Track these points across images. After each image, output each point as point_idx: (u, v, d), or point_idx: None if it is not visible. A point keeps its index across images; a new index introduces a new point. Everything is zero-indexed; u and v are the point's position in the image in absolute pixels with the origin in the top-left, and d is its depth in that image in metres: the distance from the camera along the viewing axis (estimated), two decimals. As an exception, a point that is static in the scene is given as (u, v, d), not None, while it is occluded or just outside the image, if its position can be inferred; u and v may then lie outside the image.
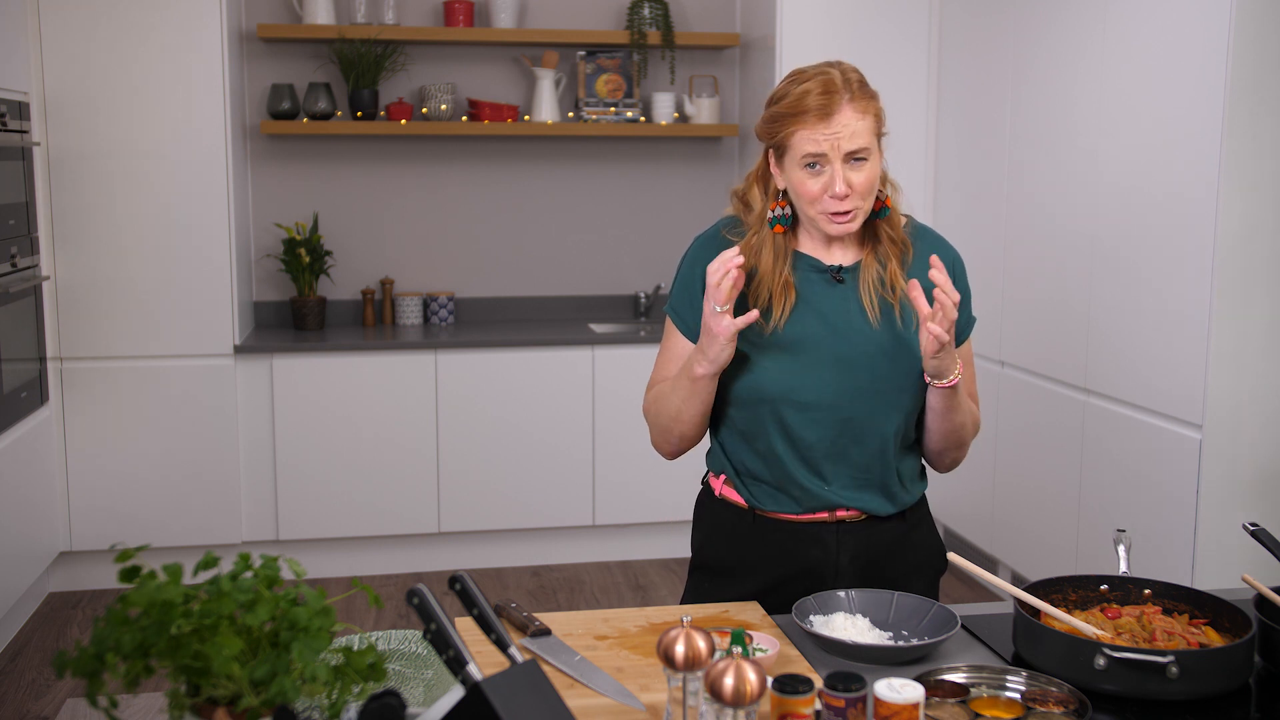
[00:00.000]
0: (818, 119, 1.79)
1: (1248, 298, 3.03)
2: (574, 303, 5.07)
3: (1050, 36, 3.77)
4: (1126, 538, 1.83)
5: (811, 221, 1.88)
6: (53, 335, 4.18)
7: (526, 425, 4.51)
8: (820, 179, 1.82)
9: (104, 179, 4.16)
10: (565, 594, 4.36)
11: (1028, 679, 1.52)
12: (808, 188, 1.83)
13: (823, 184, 1.81)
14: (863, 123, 1.81)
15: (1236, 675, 1.53)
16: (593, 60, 4.87)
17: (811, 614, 1.72)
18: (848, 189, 1.80)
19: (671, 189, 5.09)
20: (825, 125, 1.79)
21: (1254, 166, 2.97)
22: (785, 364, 1.87)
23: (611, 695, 1.53)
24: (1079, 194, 3.62)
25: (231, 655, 1.15)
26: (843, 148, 1.79)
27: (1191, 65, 3.08)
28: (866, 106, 1.82)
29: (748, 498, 1.94)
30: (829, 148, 1.79)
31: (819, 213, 1.84)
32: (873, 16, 4.50)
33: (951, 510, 4.39)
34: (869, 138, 1.82)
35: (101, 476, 4.25)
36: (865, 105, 1.82)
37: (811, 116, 1.79)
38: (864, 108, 1.81)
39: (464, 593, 1.35)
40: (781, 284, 1.88)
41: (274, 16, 4.69)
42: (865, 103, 1.82)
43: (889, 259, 1.91)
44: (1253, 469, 3.08)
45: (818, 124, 1.79)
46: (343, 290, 4.90)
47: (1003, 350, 4.09)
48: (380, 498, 4.44)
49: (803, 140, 1.81)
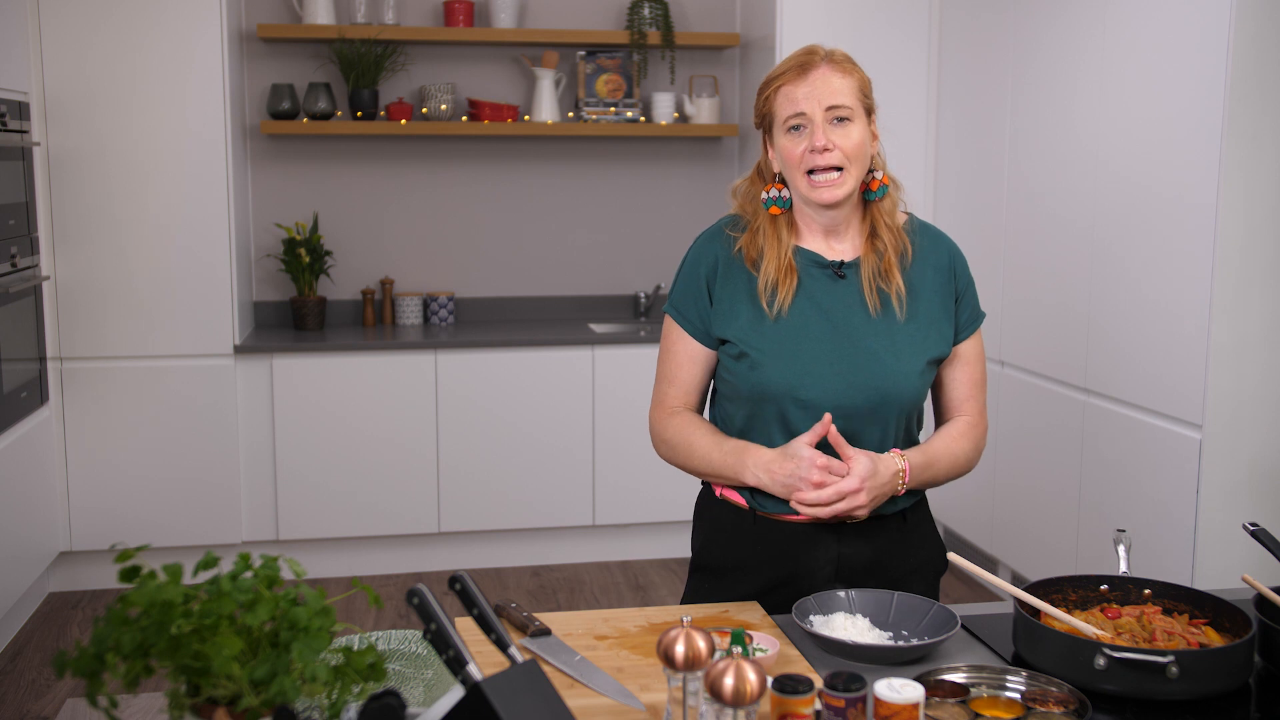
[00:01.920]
0: (796, 74, 1.86)
1: (1247, 297, 3.03)
2: (574, 303, 5.07)
3: (1050, 36, 3.78)
4: (1126, 538, 1.83)
5: (804, 198, 1.89)
6: (53, 335, 4.18)
7: (526, 425, 4.51)
8: (803, 139, 1.85)
9: (104, 179, 4.16)
10: (565, 594, 4.36)
11: (1028, 679, 1.52)
12: (792, 152, 1.86)
13: (805, 143, 1.84)
14: (843, 81, 1.85)
15: (1236, 675, 1.53)
16: (593, 60, 4.87)
17: (811, 614, 1.72)
18: (830, 144, 1.82)
19: (671, 189, 5.09)
20: (804, 80, 1.85)
21: (1254, 166, 2.97)
22: (788, 361, 1.87)
23: (611, 695, 1.53)
24: (1079, 194, 3.62)
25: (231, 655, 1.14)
26: (823, 101, 1.83)
27: (1191, 65, 3.08)
28: (848, 69, 1.87)
29: (748, 498, 1.94)
30: (809, 106, 1.83)
31: (804, 175, 1.86)
32: (873, 16, 4.50)
33: (951, 510, 4.39)
34: (851, 98, 1.85)
35: (101, 476, 4.25)
36: (846, 68, 1.87)
37: (792, 72, 1.86)
38: (844, 69, 1.87)
39: (464, 593, 1.35)
40: (785, 267, 1.89)
41: (274, 16, 4.69)
42: (846, 65, 1.88)
43: (886, 249, 1.91)
44: (1253, 469, 3.08)
45: (797, 79, 1.85)
46: (343, 290, 4.90)
47: (1003, 350, 4.09)
48: (380, 498, 4.44)
49: (784, 99, 1.86)
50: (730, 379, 1.93)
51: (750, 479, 1.86)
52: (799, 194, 1.90)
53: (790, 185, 1.91)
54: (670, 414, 1.99)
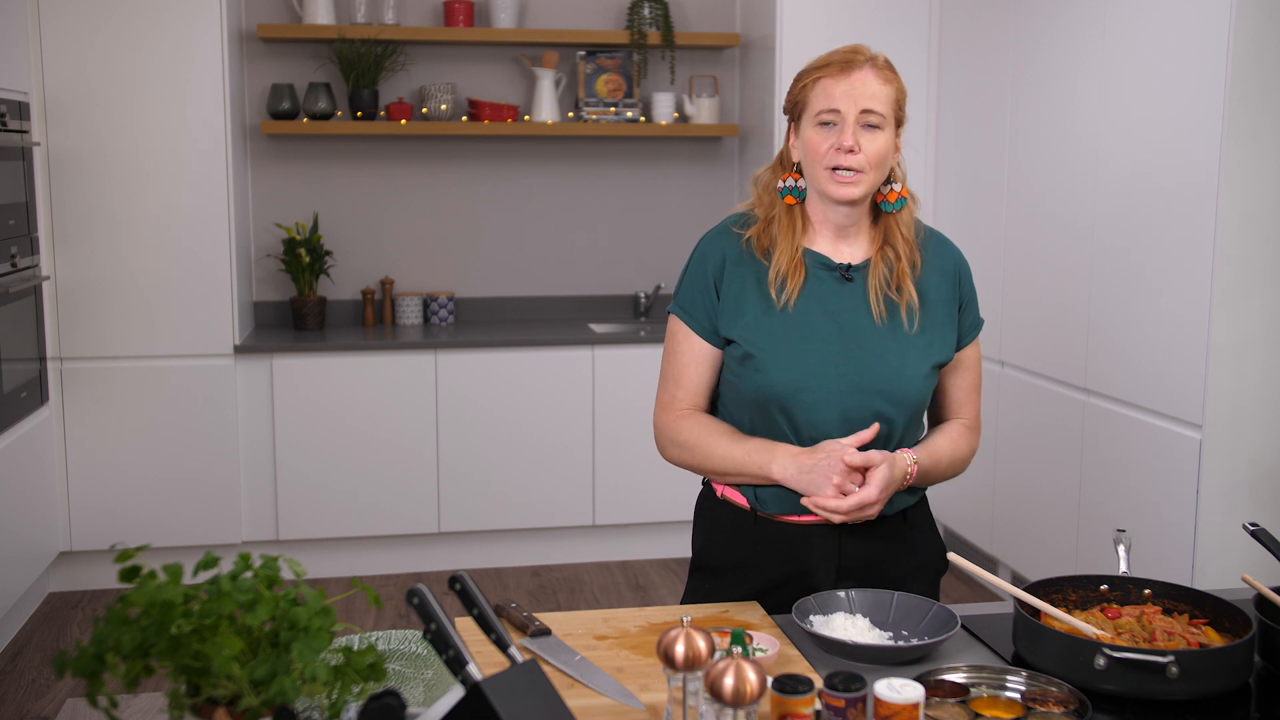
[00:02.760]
0: (840, 70, 1.86)
1: (1247, 297, 3.03)
2: (574, 303, 5.07)
3: (1050, 36, 3.77)
4: (1126, 538, 1.83)
5: (820, 191, 1.89)
6: (53, 335, 4.18)
7: (526, 425, 4.51)
8: (831, 136, 1.85)
9: (104, 179, 4.16)
10: (565, 594, 4.36)
11: (1028, 679, 1.52)
12: (818, 145, 1.86)
13: (833, 140, 1.85)
14: (882, 88, 1.86)
15: (1236, 675, 1.53)
16: (593, 60, 4.87)
17: (811, 614, 1.72)
18: (856, 147, 1.83)
19: (671, 189, 5.09)
20: (845, 77, 1.85)
21: (1254, 166, 2.97)
22: (792, 363, 1.87)
23: (611, 695, 1.53)
24: (1079, 194, 3.62)
25: (231, 655, 1.14)
26: (859, 103, 1.84)
27: (1191, 65, 3.08)
28: (889, 78, 1.88)
29: (750, 499, 1.94)
30: (845, 104, 1.84)
31: (825, 170, 1.86)
32: (873, 16, 4.50)
33: (951, 510, 4.39)
34: (886, 106, 1.86)
35: (101, 476, 4.25)
36: (887, 75, 1.88)
37: (834, 68, 1.86)
38: (886, 77, 1.88)
39: (464, 593, 1.35)
40: (794, 261, 1.89)
41: (274, 16, 4.69)
42: (888, 73, 1.89)
43: (898, 259, 1.91)
44: (1253, 469, 3.08)
45: (839, 75, 1.85)
46: (343, 290, 4.90)
47: (1003, 350, 4.09)
48: (380, 498, 4.44)
49: (821, 93, 1.86)
50: (734, 381, 1.93)
51: (778, 471, 1.86)
52: (815, 187, 1.90)
53: (808, 177, 1.91)
54: (681, 416, 1.97)
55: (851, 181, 1.85)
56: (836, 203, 1.88)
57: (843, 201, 1.87)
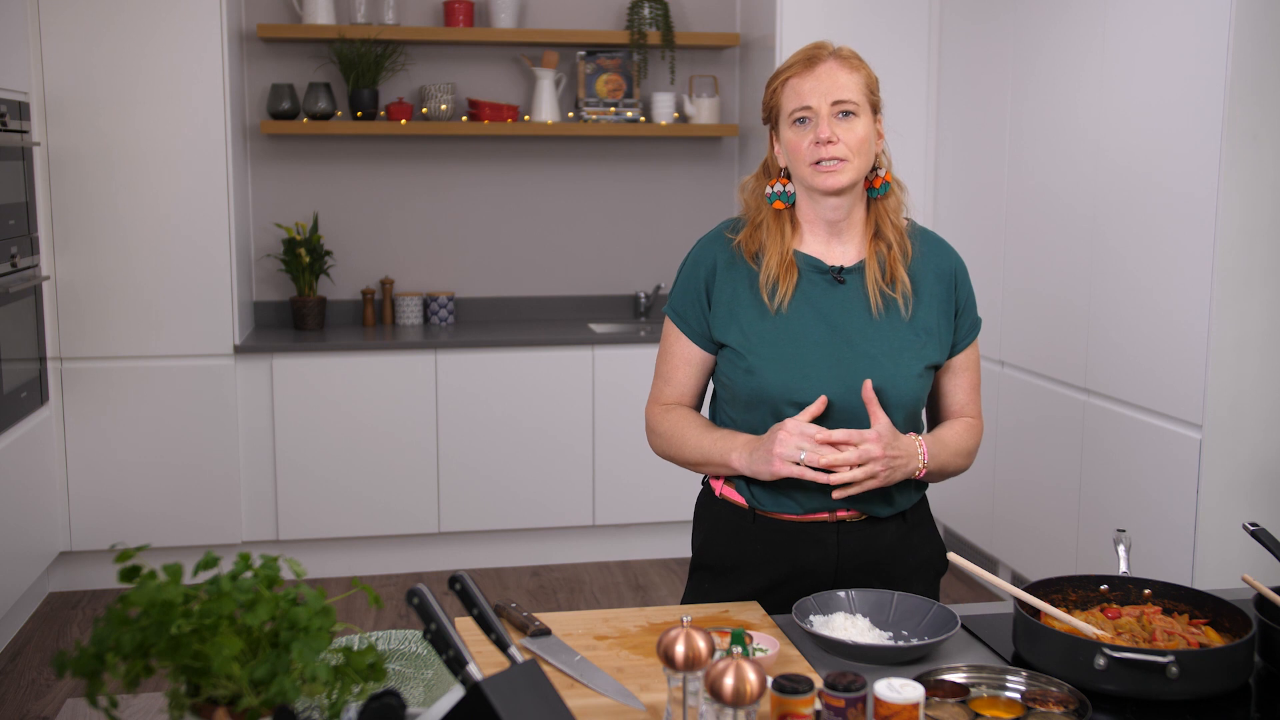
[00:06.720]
0: (805, 67, 1.87)
1: (1248, 297, 3.03)
2: (574, 303, 5.07)
3: (1050, 36, 3.77)
4: (1126, 538, 1.83)
5: (807, 187, 1.89)
6: (53, 335, 4.18)
7: (526, 425, 4.51)
8: (808, 132, 1.86)
9: (104, 179, 4.16)
10: (565, 594, 4.36)
11: (1028, 679, 1.52)
12: (797, 144, 1.87)
13: (810, 136, 1.86)
14: (850, 77, 1.87)
15: (1236, 675, 1.53)
16: (593, 60, 4.87)
17: (811, 614, 1.72)
18: (834, 137, 1.84)
19: (671, 189, 5.09)
20: (811, 73, 1.86)
21: (1254, 165, 2.97)
22: (786, 365, 1.88)
23: (611, 695, 1.53)
24: (1079, 194, 3.62)
25: (231, 655, 1.14)
26: (829, 95, 1.85)
27: (1191, 65, 3.08)
28: (855, 65, 1.89)
29: (748, 498, 1.94)
30: (815, 99, 1.85)
31: (809, 165, 1.87)
32: (873, 16, 4.51)
33: (951, 510, 4.39)
34: (857, 94, 1.86)
35: (101, 476, 4.25)
36: (853, 64, 1.89)
37: (799, 66, 1.88)
38: (853, 65, 1.89)
39: (464, 593, 1.35)
40: (786, 263, 1.90)
41: (274, 16, 4.69)
42: (853, 61, 1.90)
43: (890, 248, 1.91)
44: (1253, 469, 3.08)
45: (805, 72, 1.87)
46: (343, 290, 4.90)
47: (1003, 350, 4.09)
48: (380, 498, 4.44)
49: (791, 93, 1.88)
50: (728, 383, 1.94)
51: (736, 459, 1.88)
52: (803, 184, 1.90)
53: (795, 178, 1.92)
54: (666, 409, 2.01)
55: (836, 170, 1.85)
56: (825, 194, 1.89)
57: (831, 191, 1.88)
